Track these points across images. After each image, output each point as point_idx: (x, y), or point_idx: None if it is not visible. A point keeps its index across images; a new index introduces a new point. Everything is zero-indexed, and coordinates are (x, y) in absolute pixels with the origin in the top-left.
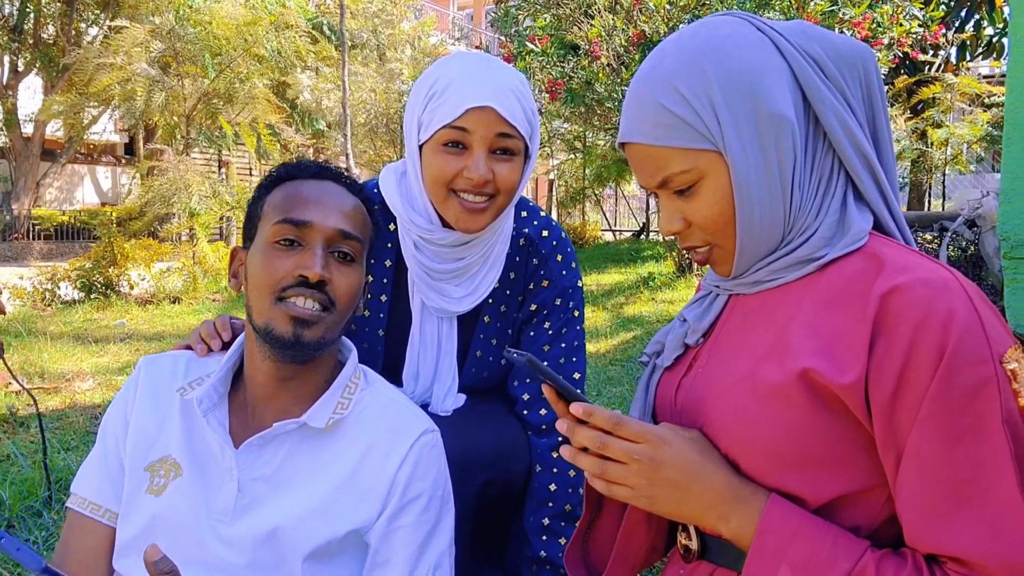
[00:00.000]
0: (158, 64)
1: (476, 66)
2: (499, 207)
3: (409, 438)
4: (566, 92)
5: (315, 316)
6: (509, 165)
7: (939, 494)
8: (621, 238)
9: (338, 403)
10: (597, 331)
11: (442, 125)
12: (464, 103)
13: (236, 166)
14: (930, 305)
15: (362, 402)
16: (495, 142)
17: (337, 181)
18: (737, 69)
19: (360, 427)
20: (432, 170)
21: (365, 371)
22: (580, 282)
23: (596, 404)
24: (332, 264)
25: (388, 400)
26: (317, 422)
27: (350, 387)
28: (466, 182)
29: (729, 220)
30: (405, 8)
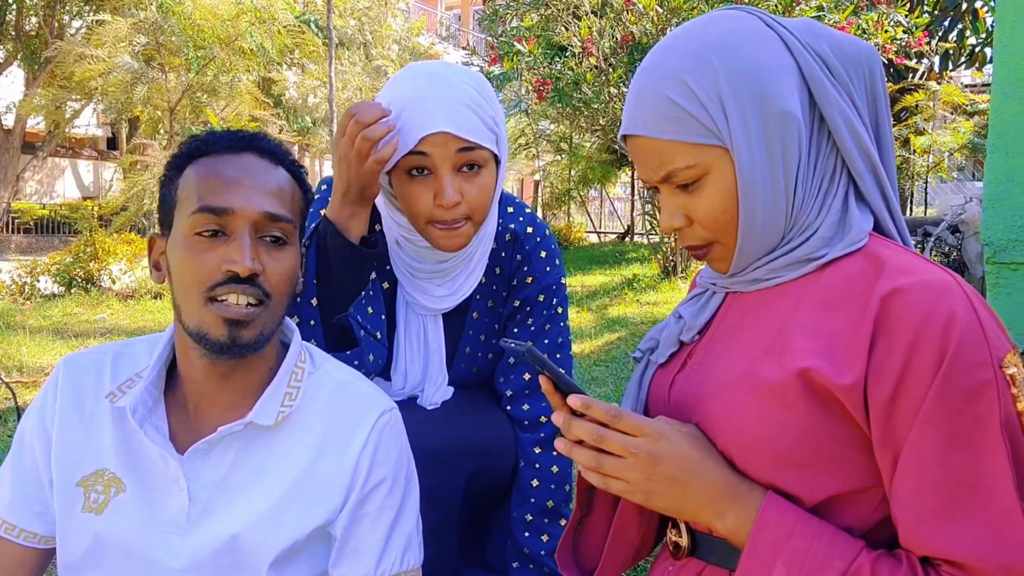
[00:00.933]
0: (141, 57)
1: (426, 85)
2: (477, 224)
3: (367, 422)
4: (554, 92)
5: (250, 315)
6: (478, 182)
7: (936, 497)
8: (606, 240)
9: (285, 394)
10: (582, 332)
11: (401, 156)
12: (419, 131)
13: None
14: (931, 308)
15: (311, 388)
16: (458, 159)
17: (258, 152)
18: (745, 64)
19: (312, 416)
20: (406, 203)
21: (311, 351)
22: (564, 279)
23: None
24: (262, 252)
25: (339, 382)
26: (265, 419)
27: (297, 373)
28: (439, 211)
29: (732, 217)
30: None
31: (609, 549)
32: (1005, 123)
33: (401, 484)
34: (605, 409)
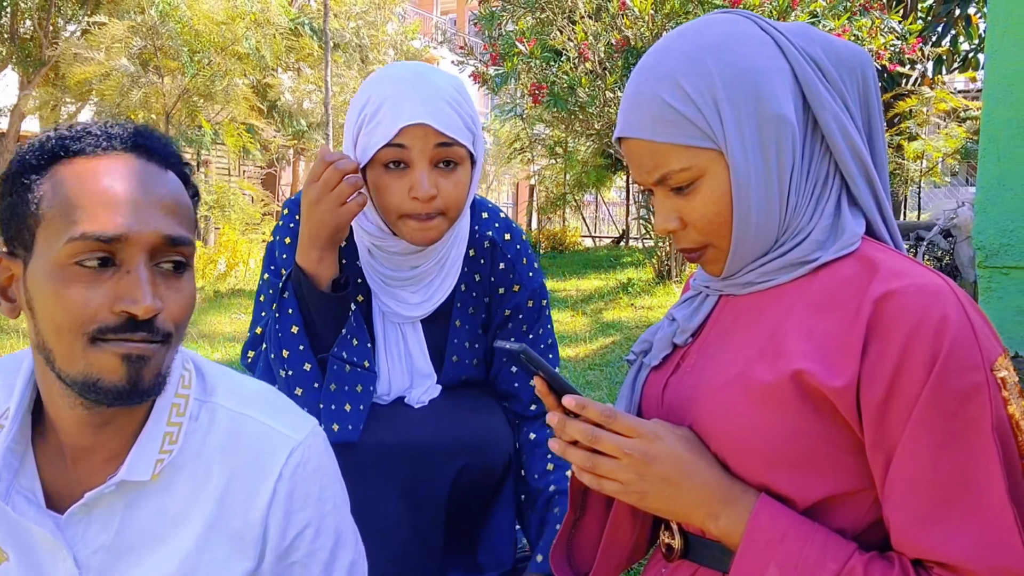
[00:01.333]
0: (138, 60)
1: (407, 81)
2: (451, 220)
3: (274, 467)
4: (549, 96)
5: (152, 351)
6: (454, 178)
7: (928, 499)
8: (601, 244)
9: (164, 435)
10: (576, 336)
11: (379, 147)
12: (398, 122)
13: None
14: (924, 311)
15: (200, 424)
16: (435, 154)
17: (144, 153)
18: (741, 68)
19: (206, 460)
20: (380, 196)
21: (200, 371)
22: (543, 279)
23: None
24: (161, 284)
25: (234, 416)
26: (139, 474)
27: (178, 406)
28: (413, 204)
29: (726, 220)
30: (389, 12)
31: (603, 551)
32: (996, 128)
33: (330, 522)
34: (600, 410)
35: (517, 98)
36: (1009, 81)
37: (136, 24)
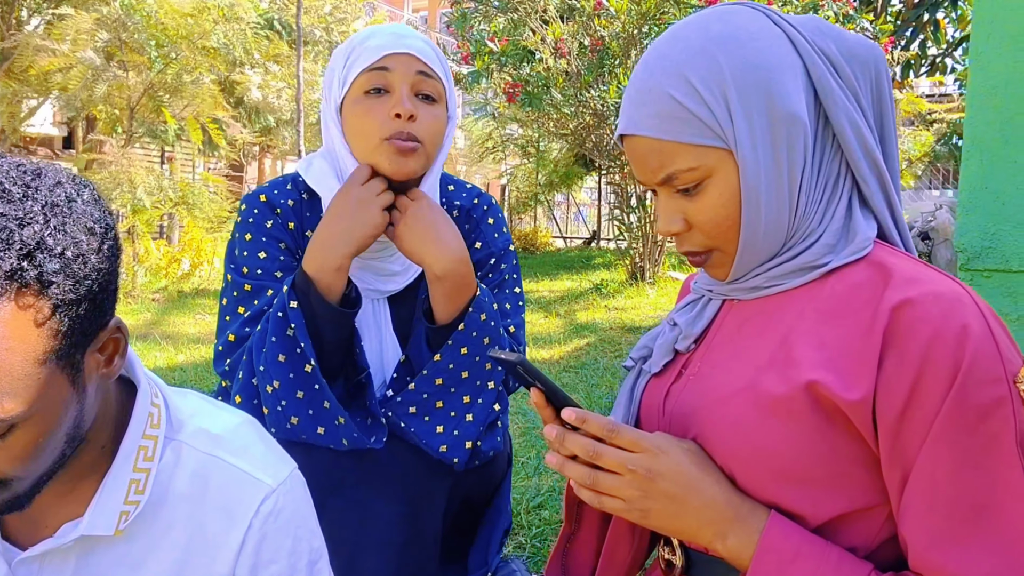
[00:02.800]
0: (103, 53)
1: (389, 25)
2: (428, 155)
3: (243, 516)
4: (524, 95)
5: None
6: (432, 111)
7: (949, 518)
8: (572, 245)
9: (131, 483)
10: (550, 337)
11: (362, 70)
12: (382, 50)
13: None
14: (943, 320)
15: (167, 467)
16: (416, 82)
17: None
18: (753, 63)
19: (170, 505)
20: (357, 120)
21: (168, 409)
22: (512, 246)
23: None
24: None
25: (204, 458)
26: (101, 528)
27: (146, 449)
28: (394, 123)
29: (734, 223)
30: (359, 7)
31: (602, 568)
32: (980, 130)
33: (304, 571)
34: (602, 423)
35: (490, 97)
36: (993, 83)
37: (102, 17)
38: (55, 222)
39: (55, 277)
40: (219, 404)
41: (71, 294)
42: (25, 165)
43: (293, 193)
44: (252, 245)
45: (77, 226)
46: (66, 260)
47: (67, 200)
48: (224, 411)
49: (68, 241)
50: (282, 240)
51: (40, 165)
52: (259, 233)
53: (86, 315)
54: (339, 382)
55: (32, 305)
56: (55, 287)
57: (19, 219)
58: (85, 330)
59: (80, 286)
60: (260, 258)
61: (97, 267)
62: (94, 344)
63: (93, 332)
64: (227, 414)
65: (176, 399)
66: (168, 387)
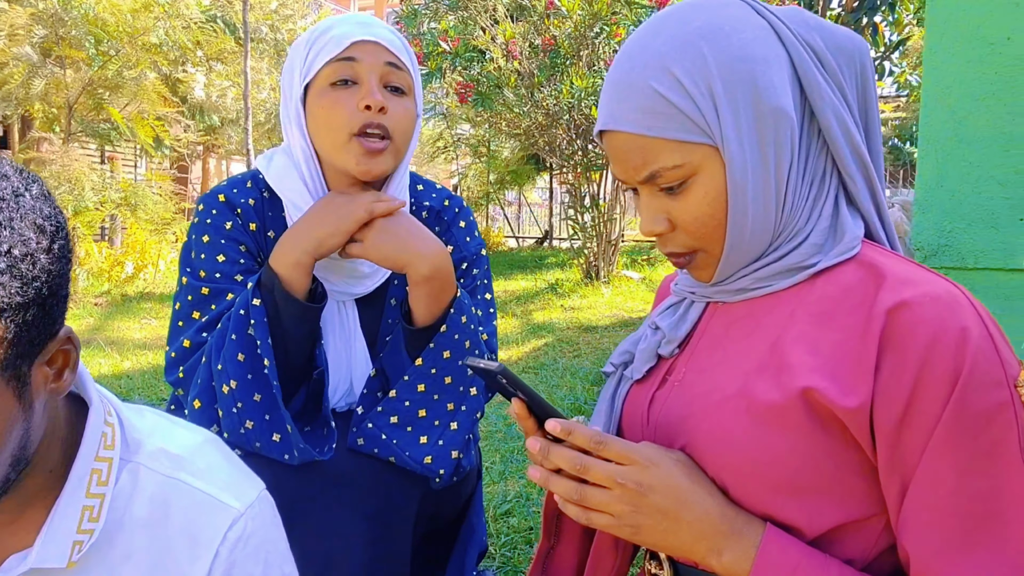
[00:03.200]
0: (39, 49)
1: (353, 14)
2: (397, 151)
3: (210, 543)
4: (476, 95)
5: None
6: (402, 103)
7: (951, 527)
8: (524, 245)
9: (84, 510)
10: (508, 338)
11: (328, 60)
12: (349, 38)
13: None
14: (942, 323)
15: (122, 489)
16: (385, 74)
17: None
18: (739, 56)
19: (128, 533)
20: (323, 113)
21: (123, 428)
22: (484, 250)
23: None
24: None
25: (164, 481)
26: (53, 560)
27: (99, 472)
28: (364, 115)
29: (720, 222)
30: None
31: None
32: (934, 129)
33: None
34: (589, 435)
35: (440, 97)
36: (947, 83)
37: (38, 12)
38: (0, 217)
39: (0, 278)
40: (178, 421)
41: (18, 297)
42: None
43: (254, 192)
44: (210, 247)
45: (25, 223)
46: (12, 259)
47: (14, 194)
48: (184, 429)
49: (15, 239)
50: (242, 242)
51: None
52: (217, 235)
53: (34, 322)
54: (301, 392)
55: None
56: (0, 289)
57: None
58: (33, 339)
59: (28, 288)
60: (218, 261)
61: (47, 268)
62: (42, 355)
63: (41, 342)
64: (188, 432)
65: (132, 417)
66: (123, 404)
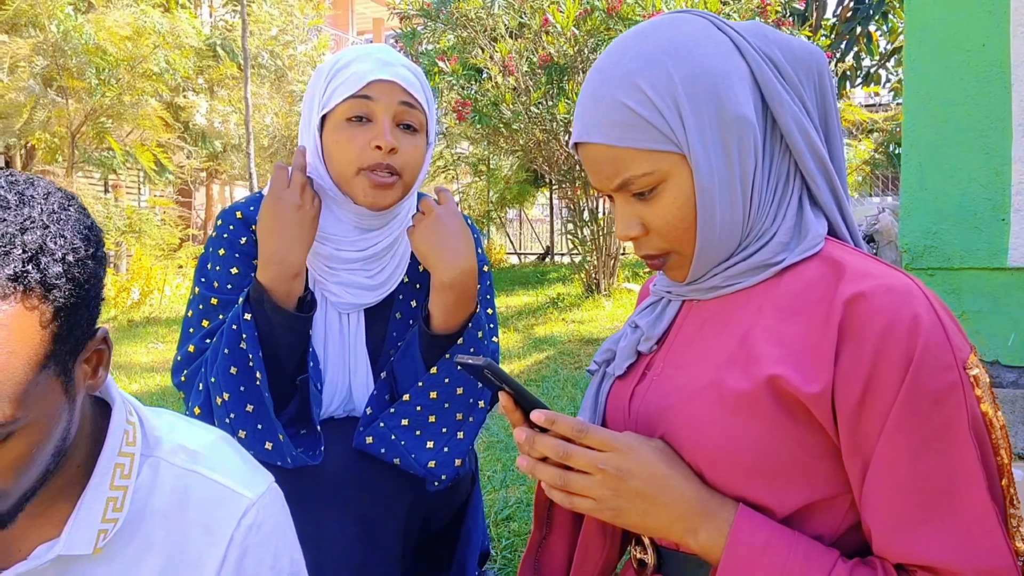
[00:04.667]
0: (40, 79)
1: (376, 48)
2: (405, 185)
3: (224, 532)
4: (473, 113)
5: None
6: (413, 141)
7: (909, 503)
8: (526, 261)
9: (108, 501)
10: (510, 352)
11: (345, 96)
12: (368, 76)
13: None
14: (895, 312)
15: (145, 484)
16: (399, 113)
17: None
18: (701, 69)
19: (149, 522)
20: (338, 148)
21: (142, 421)
22: (487, 267)
23: None
24: None
25: (182, 474)
26: (79, 547)
27: (122, 466)
28: (374, 154)
29: (690, 225)
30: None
31: (575, 573)
32: (917, 134)
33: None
34: (571, 424)
35: (440, 116)
36: (927, 89)
37: (39, 42)
38: (54, 228)
39: (58, 280)
40: (193, 421)
41: (72, 298)
42: (15, 175)
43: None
44: (225, 260)
45: (74, 232)
46: (67, 264)
47: (61, 207)
48: (199, 427)
49: (68, 246)
50: (255, 257)
51: (29, 176)
52: (233, 249)
53: (81, 321)
54: (294, 400)
55: (36, 308)
56: (57, 291)
57: (20, 224)
58: (79, 337)
59: (79, 290)
60: (232, 273)
61: (93, 272)
62: (84, 353)
63: (84, 340)
64: (202, 430)
65: (151, 416)
66: (141, 405)
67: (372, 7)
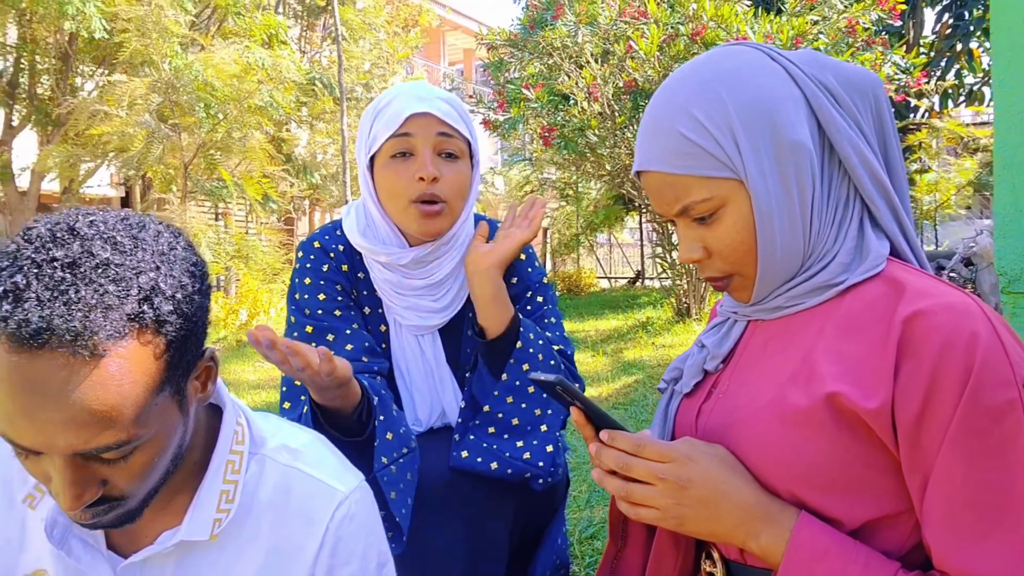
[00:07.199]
0: (155, 116)
1: (412, 85)
2: (454, 211)
3: (320, 522)
4: (559, 138)
5: (96, 519)
6: (455, 167)
7: (967, 517)
8: (616, 285)
9: (221, 494)
10: (598, 376)
11: (387, 137)
12: (404, 112)
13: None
14: (953, 329)
15: (252, 478)
16: (438, 143)
17: (69, 347)
18: (755, 97)
19: (257, 515)
20: (386, 183)
21: (251, 427)
22: (546, 278)
23: None
24: (91, 480)
25: (285, 470)
26: (198, 534)
27: (233, 462)
28: (418, 186)
29: (750, 248)
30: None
31: None
32: (1009, 155)
33: (373, 573)
34: (629, 439)
35: (526, 142)
36: (1017, 108)
37: (154, 81)
38: (165, 269)
39: (169, 317)
40: (294, 424)
41: (181, 331)
42: (129, 218)
43: (342, 239)
44: (312, 288)
45: (182, 270)
46: (176, 302)
47: (169, 248)
48: (299, 429)
49: (177, 284)
50: (338, 282)
51: (141, 217)
52: (317, 277)
53: (191, 347)
54: None
55: (151, 342)
56: (168, 326)
57: (135, 268)
58: (189, 361)
59: (188, 323)
60: (320, 299)
61: (199, 305)
62: (194, 372)
63: (194, 361)
64: (302, 431)
65: (257, 419)
66: (249, 409)
67: (463, 38)
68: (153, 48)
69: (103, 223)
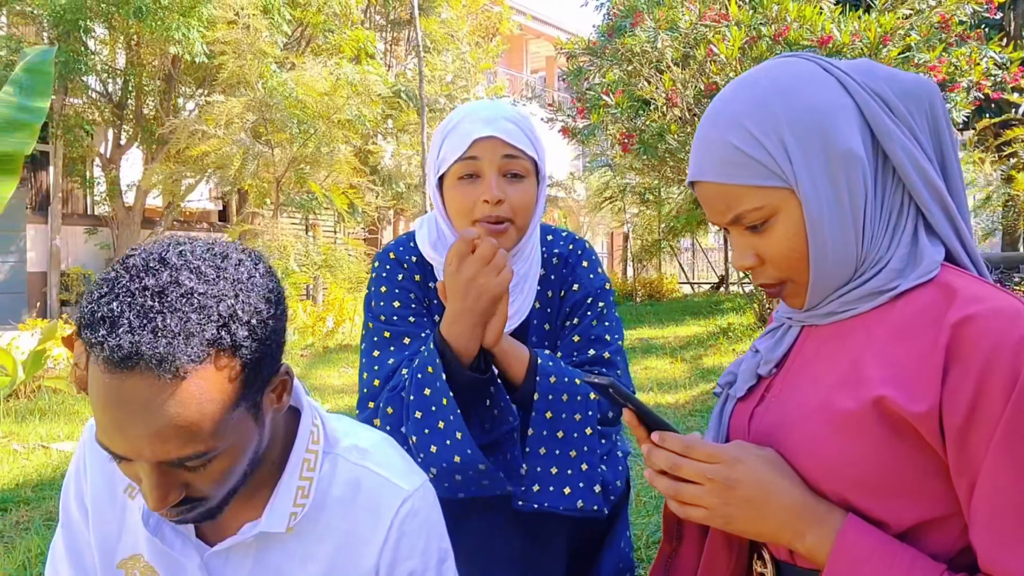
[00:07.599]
0: (250, 133)
1: (480, 106)
2: (520, 229)
3: (385, 517)
4: (638, 144)
5: (188, 518)
6: (520, 187)
7: (1013, 521)
8: (699, 291)
9: (297, 489)
10: (675, 383)
11: (454, 160)
12: (470, 136)
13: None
14: (1002, 333)
15: (326, 476)
16: (503, 165)
17: (155, 370)
18: (806, 107)
19: (329, 510)
20: (454, 204)
21: (325, 428)
22: (608, 284)
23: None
24: (175, 484)
25: (355, 468)
26: (276, 526)
27: (308, 460)
28: (483, 208)
29: (802, 255)
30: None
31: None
32: None
33: (433, 570)
34: (677, 440)
35: (606, 148)
36: None
37: (249, 100)
38: (243, 296)
39: (245, 341)
40: (364, 425)
41: (256, 354)
42: (214, 248)
43: (416, 250)
44: (387, 296)
45: (258, 297)
46: (252, 327)
47: (248, 276)
48: (369, 430)
49: (253, 311)
50: (412, 291)
51: (224, 246)
52: (392, 285)
53: (266, 366)
54: None
55: (228, 365)
56: (244, 349)
57: (215, 296)
58: (264, 378)
59: (262, 346)
60: (395, 307)
61: (274, 328)
62: (269, 387)
63: (269, 378)
64: (372, 433)
65: (331, 420)
66: (323, 410)
67: (545, 46)
68: (249, 69)
69: (191, 253)
